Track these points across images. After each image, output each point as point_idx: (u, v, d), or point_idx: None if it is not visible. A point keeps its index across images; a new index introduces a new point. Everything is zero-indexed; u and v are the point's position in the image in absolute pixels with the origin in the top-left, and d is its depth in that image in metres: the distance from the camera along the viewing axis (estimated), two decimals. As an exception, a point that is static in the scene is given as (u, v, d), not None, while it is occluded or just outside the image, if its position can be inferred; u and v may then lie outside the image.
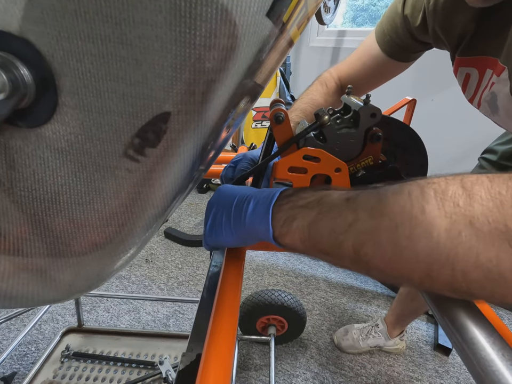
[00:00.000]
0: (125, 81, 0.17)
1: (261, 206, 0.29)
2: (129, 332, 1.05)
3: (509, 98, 0.46)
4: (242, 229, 0.31)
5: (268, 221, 0.28)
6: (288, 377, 1.03)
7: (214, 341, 0.28)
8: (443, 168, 1.67)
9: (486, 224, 0.19)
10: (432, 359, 1.12)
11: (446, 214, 0.21)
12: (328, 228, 0.25)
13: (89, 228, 0.22)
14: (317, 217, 0.26)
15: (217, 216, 0.33)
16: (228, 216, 0.32)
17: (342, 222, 0.25)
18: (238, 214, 0.31)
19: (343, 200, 0.26)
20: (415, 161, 0.45)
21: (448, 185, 0.22)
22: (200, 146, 0.22)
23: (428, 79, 1.62)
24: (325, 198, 0.27)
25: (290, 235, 0.28)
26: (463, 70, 0.55)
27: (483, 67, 0.51)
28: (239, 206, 0.31)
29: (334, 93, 0.68)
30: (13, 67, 0.16)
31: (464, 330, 0.24)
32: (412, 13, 0.55)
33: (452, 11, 0.50)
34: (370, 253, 0.24)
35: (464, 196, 0.21)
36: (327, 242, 0.26)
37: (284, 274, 1.46)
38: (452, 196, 0.21)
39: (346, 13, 2.17)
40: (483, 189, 0.20)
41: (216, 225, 0.33)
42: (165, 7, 0.16)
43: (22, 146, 0.19)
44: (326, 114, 0.36)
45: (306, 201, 0.28)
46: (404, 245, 0.22)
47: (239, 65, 0.19)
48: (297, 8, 0.22)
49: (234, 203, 0.32)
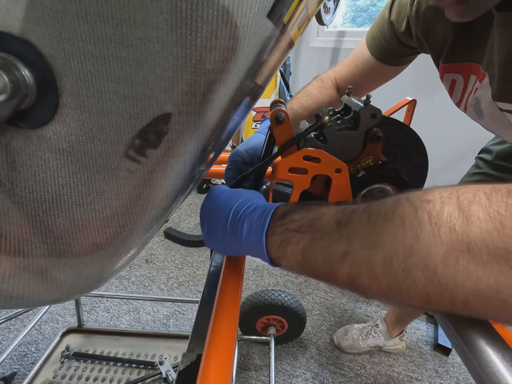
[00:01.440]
0: (126, 83, 0.17)
1: (254, 230, 0.29)
2: (129, 332, 1.05)
3: (491, 103, 0.47)
4: (240, 247, 0.31)
5: (262, 246, 0.28)
6: (288, 377, 1.03)
7: (215, 341, 0.28)
8: (443, 168, 1.68)
9: (485, 248, 0.18)
10: (432, 359, 1.12)
11: (442, 241, 0.20)
12: (321, 256, 0.25)
13: (90, 228, 0.22)
14: (310, 243, 0.25)
15: (213, 227, 0.32)
16: (224, 234, 0.31)
17: (335, 251, 0.24)
18: (234, 234, 0.30)
19: (333, 224, 0.25)
20: (415, 162, 0.45)
21: (444, 206, 0.20)
22: (200, 147, 0.23)
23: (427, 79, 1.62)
24: (316, 222, 0.26)
25: (286, 259, 0.27)
26: (448, 76, 0.56)
27: (467, 73, 0.51)
28: (233, 226, 0.30)
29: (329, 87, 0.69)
30: (14, 68, 0.16)
31: (465, 331, 0.24)
32: (397, 19, 0.57)
33: (432, 19, 0.51)
34: (366, 284, 0.23)
35: (460, 218, 0.19)
36: (322, 270, 0.25)
37: (284, 275, 1.46)
38: (448, 220, 0.20)
39: (346, 13, 2.18)
40: (481, 209, 0.19)
41: (214, 237, 0.32)
42: (166, 9, 0.16)
43: (23, 147, 0.19)
44: (327, 115, 0.36)
45: (297, 224, 0.27)
46: (400, 277, 0.21)
47: (240, 66, 0.19)
48: (298, 9, 0.22)
49: (228, 222, 0.31)
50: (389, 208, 0.23)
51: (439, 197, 0.21)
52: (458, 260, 0.19)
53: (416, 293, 0.21)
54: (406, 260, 0.21)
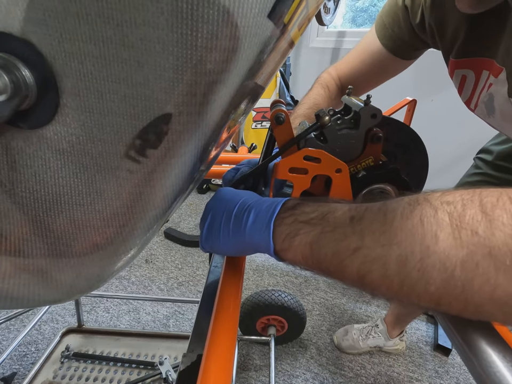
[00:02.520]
0: (127, 83, 0.17)
1: (262, 218, 0.28)
2: (129, 332, 1.05)
3: (506, 99, 0.46)
4: (242, 240, 0.30)
5: (268, 236, 0.27)
6: (288, 377, 1.03)
7: (215, 341, 0.28)
8: (443, 168, 1.67)
9: (508, 254, 0.18)
10: (432, 359, 1.12)
11: (463, 243, 0.19)
12: (331, 249, 0.24)
13: (90, 228, 0.22)
14: (320, 236, 0.25)
15: (215, 222, 0.32)
16: (227, 225, 0.30)
17: (347, 246, 0.23)
18: (237, 225, 0.29)
19: (347, 219, 0.24)
20: (416, 162, 0.45)
21: (466, 209, 0.20)
22: (201, 147, 0.23)
23: (427, 79, 1.62)
24: (328, 215, 0.25)
25: (292, 251, 0.26)
26: (459, 73, 0.55)
27: (479, 68, 0.50)
28: (239, 216, 0.30)
29: (336, 96, 0.68)
30: (15, 68, 0.16)
31: (465, 332, 0.24)
32: (412, 6, 0.55)
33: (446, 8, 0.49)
34: (376, 282, 0.22)
35: (484, 221, 0.19)
36: (330, 264, 0.24)
37: (284, 275, 1.46)
38: (470, 222, 0.19)
39: (346, 13, 2.18)
40: (505, 214, 0.18)
41: (214, 232, 0.31)
42: (167, 9, 0.16)
43: (23, 147, 0.19)
44: (327, 115, 0.37)
45: (309, 216, 0.26)
46: (414, 277, 0.20)
47: (241, 66, 0.19)
48: (298, 9, 0.22)
49: (234, 212, 0.30)
50: (406, 207, 0.22)
51: (461, 199, 0.20)
52: (478, 264, 0.19)
53: (429, 294, 0.20)
54: (422, 260, 0.20)
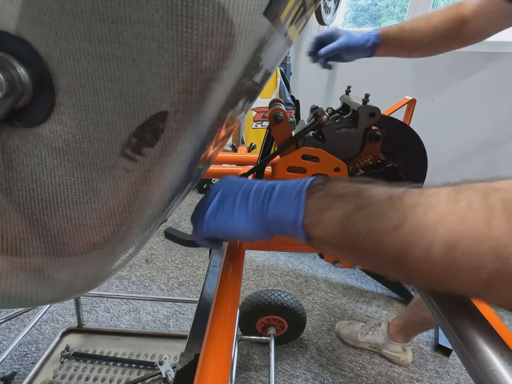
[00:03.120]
0: (122, 81, 0.17)
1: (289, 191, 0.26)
2: (129, 332, 1.05)
3: None
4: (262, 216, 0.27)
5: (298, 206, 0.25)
6: (288, 377, 1.03)
7: (212, 341, 0.28)
8: (443, 168, 1.67)
9: None
10: (433, 359, 1.11)
11: None
12: (367, 226, 0.22)
13: (87, 227, 0.22)
14: (354, 211, 0.23)
15: (226, 200, 0.29)
16: (244, 201, 0.28)
17: (386, 223, 0.22)
18: (258, 200, 0.27)
19: (385, 196, 0.23)
20: (415, 161, 0.45)
21: None
22: (198, 146, 0.22)
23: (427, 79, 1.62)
24: (365, 191, 0.24)
25: (321, 226, 0.24)
26: None
27: None
28: (260, 192, 0.28)
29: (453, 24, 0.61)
30: (10, 66, 0.16)
31: (463, 331, 0.24)
32: None
33: None
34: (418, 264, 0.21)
35: None
36: (364, 242, 0.23)
37: (284, 275, 1.46)
38: None
39: (347, 13, 2.17)
40: None
41: (224, 210, 0.29)
42: (162, 6, 0.16)
43: (19, 146, 0.19)
44: (325, 114, 0.36)
45: (343, 190, 0.24)
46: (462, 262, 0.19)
47: (237, 64, 0.19)
48: (295, 7, 0.22)
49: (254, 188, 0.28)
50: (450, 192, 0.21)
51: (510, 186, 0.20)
52: None
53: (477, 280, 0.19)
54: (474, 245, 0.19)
